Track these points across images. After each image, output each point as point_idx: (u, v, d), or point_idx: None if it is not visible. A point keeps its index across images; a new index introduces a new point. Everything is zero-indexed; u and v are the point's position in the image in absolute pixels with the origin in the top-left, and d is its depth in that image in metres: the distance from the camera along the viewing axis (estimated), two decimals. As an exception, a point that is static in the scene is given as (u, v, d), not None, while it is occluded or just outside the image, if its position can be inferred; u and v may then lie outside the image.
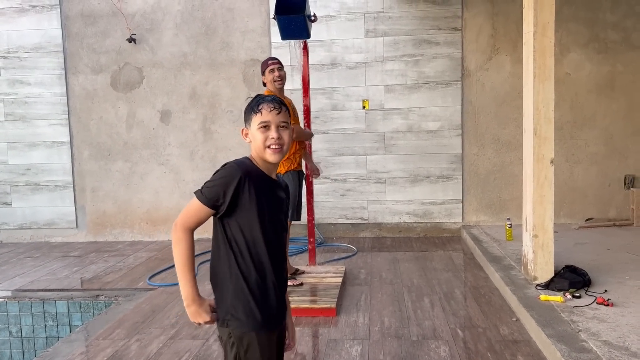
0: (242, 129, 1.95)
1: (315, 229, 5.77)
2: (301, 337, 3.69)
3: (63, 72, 6.77)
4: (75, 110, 6.82)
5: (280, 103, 1.89)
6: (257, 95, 1.94)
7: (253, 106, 1.89)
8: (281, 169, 4.44)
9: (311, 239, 5.10)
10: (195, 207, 1.83)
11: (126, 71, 6.74)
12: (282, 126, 1.87)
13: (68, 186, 6.87)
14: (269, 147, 1.85)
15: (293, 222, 4.81)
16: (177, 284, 5.40)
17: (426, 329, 3.74)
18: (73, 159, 6.86)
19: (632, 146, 6.30)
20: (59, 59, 6.76)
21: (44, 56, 6.78)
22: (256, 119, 1.86)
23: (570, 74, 6.28)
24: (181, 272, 1.88)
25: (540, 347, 3.33)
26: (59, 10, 6.71)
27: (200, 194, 1.82)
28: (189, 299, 1.90)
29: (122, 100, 6.77)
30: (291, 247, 5.81)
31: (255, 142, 1.87)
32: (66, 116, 6.81)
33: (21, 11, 6.77)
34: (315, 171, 4.82)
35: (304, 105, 4.91)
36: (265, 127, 1.85)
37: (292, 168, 4.52)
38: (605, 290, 3.90)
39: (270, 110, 1.85)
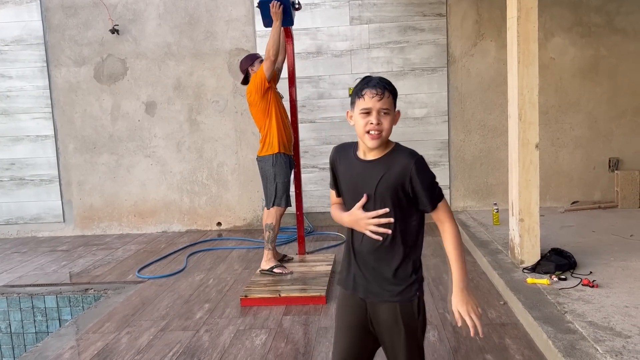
0: (348, 112, 2.02)
1: (305, 218, 5.78)
2: (292, 326, 3.71)
3: (45, 64, 6.67)
4: (58, 103, 6.74)
5: (384, 88, 1.91)
6: (365, 78, 1.96)
7: (357, 91, 1.94)
8: (266, 151, 4.56)
9: (300, 228, 5.12)
10: None
11: (109, 63, 6.66)
12: (385, 113, 1.91)
13: (54, 180, 6.80)
14: (368, 132, 1.91)
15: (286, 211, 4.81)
16: (165, 276, 5.37)
17: (415, 314, 3.77)
18: (58, 152, 6.79)
19: (616, 129, 6.37)
20: (40, 52, 6.66)
21: (25, 49, 6.67)
22: (359, 104, 1.92)
23: (555, 59, 6.31)
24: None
25: (527, 329, 3.38)
26: (38, 1, 6.59)
27: None
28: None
29: (106, 93, 6.69)
30: (280, 236, 5.83)
31: (357, 127, 1.95)
32: (49, 109, 6.72)
33: None
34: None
35: (290, 95, 4.91)
36: (367, 113, 1.91)
37: (282, 152, 4.57)
38: (591, 272, 3.97)
39: (373, 97, 1.89)
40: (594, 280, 3.75)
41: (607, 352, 2.77)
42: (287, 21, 4.55)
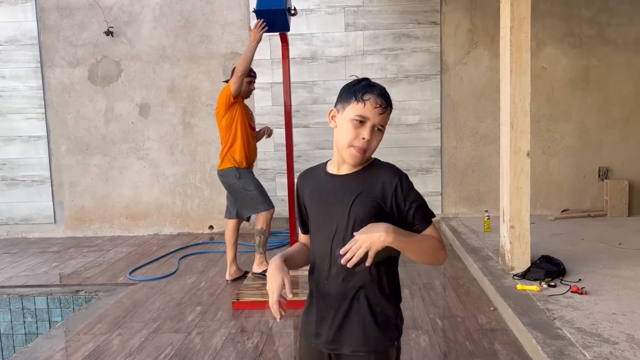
0: (331, 110, 1.66)
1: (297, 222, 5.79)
2: (283, 329, 3.72)
3: (39, 65, 6.66)
4: (52, 104, 6.72)
5: (388, 102, 1.61)
6: (365, 79, 1.63)
7: (357, 91, 1.60)
8: (226, 164, 4.63)
9: (292, 233, 5.12)
10: None
11: (104, 64, 6.66)
12: (379, 129, 1.61)
13: (45, 181, 6.77)
14: (353, 146, 1.59)
15: (274, 216, 4.81)
16: (157, 278, 5.35)
17: (406, 319, 3.75)
18: (50, 153, 6.76)
19: (606, 139, 6.44)
20: (34, 52, 6.64)
21: (19, 49, 6.65)
22: (354, 109, 1.58)
23: (547, 68, 6.38)
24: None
25: (517, 335, 3.41)
26: (34, 2, 6.58)
27: None
28: None
29: (100, 94, 6.69)
30: (272, 240, 5.83)
31: (340, 134, 1.61)
32: (42, 110, 6.70)
33: (-5, 3, 6.64)
34: (267, 132, 5.02)
35: (284, 101, 4.92)
36: (362, 122, 1.58)
37: (245, 166, 4.66)
38: (580, 279, 4.01)
39: (375, 107, 1.57)
40: (582, 288, 3.79)
41: (594, 358, 2.80)
42: (283, 27, 4.57)
